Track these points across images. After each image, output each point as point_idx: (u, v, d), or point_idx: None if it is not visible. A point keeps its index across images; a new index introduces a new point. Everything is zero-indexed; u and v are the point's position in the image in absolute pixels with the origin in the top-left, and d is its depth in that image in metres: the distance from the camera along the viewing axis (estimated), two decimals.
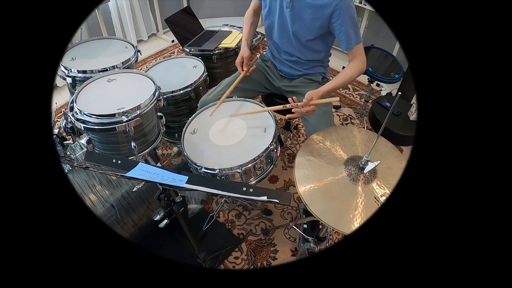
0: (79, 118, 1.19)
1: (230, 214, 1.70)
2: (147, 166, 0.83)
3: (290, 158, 1.99)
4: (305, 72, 1.44)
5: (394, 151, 0.98)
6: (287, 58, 1.41)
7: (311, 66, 1.42)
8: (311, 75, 1.44)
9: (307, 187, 0.88)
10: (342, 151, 0.97)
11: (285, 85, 1.49)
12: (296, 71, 1.44)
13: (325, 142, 1.00)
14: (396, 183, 0.84)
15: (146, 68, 1.74)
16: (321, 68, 1.46)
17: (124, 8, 2.74)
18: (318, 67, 1.44)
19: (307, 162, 0.94)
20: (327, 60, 1.48)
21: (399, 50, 2.40)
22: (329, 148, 0.98)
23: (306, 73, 1.44)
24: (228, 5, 3.33)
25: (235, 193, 0.76)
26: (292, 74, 1.46)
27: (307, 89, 1.41)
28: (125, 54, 1.55)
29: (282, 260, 1.52)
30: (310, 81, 1.44)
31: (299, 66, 1.42)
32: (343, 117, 2.32)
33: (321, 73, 1.46)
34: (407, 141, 1.57)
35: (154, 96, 1.28)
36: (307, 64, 1.41)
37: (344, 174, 0.90)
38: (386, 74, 1.88)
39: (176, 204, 0.93)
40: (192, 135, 1.27)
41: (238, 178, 1.15)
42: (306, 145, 1.00)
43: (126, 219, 1.29)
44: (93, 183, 1.23)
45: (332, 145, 0.99)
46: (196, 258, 1.22)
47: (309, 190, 0.87)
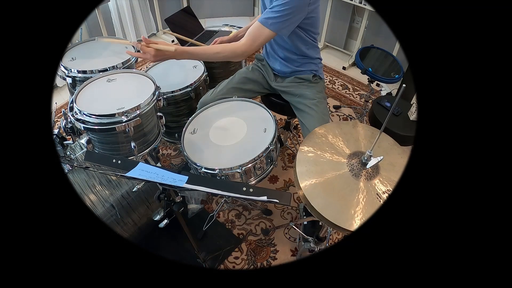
0: (79, 118, 1.18)
1: (230, 214, 1.70)
2: (147, 166, 0.83)
3: (290, 158, 1.99)
4: (295, 69, 1.44)
5: (396, 147, 0.97)
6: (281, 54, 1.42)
7: (301, 63, 1.43)
8: (301, 73, 1.45)
9: (309, 182, 0.87)
10: (344, 146, 0.96)
11: (278, 85, 1.50)
12: (287, 68, 1.44)
13: (327, 137, 0.99)
14: (396, 183, 0.84)
15: (146, 68, 1.74)
16: (313, 66, 1.46)
17: (124, 8, 2.74)
18: (308, 64, 1.44)
19: (309, 157, 0.93)
20: (318, 57, 1.47)
21: (399, 50, 2.40)
22: (331, 142, 0.97)
23: (296, 71, 1.44)
24: (228, 5, 3.33)
25: (235, 193, 0.76)
26: (284, 72, 1.47)
27: (298, 89, 1.44)
28: (125, 54, 1.55)
29: (282, 260, 1.52)
30: (301, 80, 1.45)
31: (290, 63, 1.43)
32: (343, 117, 2.32)
33: (313, 71, 1.46)
34: (407, 141, 1.56)
35: (154, 96, 1.28)
36: (297, 61, 1.42)
37: (346, 169, 0.89)
38: (386, 74, 1.88)
39: (176, 204, 0.93)
40: (192, 135, 1.27)
41: (238, 178, 1.15)
42: (309, 139, 0.99)
43: (126, 219, 1.29)
44: (93, 183, 1.23)
45: (335, 140, 0.98)
46: (196, 258, 1.22)
47: (311, 185, 0.86)
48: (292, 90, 1.45)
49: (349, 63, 2.77)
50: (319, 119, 1.34)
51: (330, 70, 2.75)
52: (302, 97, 1.42)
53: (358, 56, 1.90)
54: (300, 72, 1.45)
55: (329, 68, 2.76)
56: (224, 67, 1.85)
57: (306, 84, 1.44)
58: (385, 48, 2.02)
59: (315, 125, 1.31)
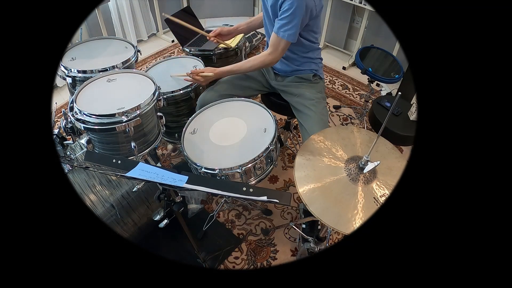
0: (79, 118, 1.18)
1: (230, 214, 1.70)
2: (147, 166, 0.83)
3: (290, 158, 1.99)
4: (296, 69, 1.44)
5: (394, 151, 0.98)
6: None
7: (301, 62, 1.43)
8: (302, 72, 1.45)
9: (307, 187, 0.88)
10: (342, 151, 0.97)
11: (278, 84, 1.50)
12: (288, 67, 1.44)
13: (325, 142, 1.00)
14: (396, 183, 0.84)
15: (146, 68, 1.74)
16: (313, 65, 1.46)
17: (124, 8, 2.74)
18: (309, 63, 1.44)
19: (307, 162, 0.94)
20: (318, 57, 1.47)
21: (399, 50, 2.40)
22: (329, 148, 0.98)
23: (297, 70, 1.45)
24: (228, 5, 3.33)
25: (235, 193, 0.76)
26: (284, 71, 1.47)
27: (298, 89, 1.45)
28: (125, 54, 1.55)
29: (282, 260, 1.52)
30: (301, 79, 1.45)
31: (291, 62, 1.43)
32: (343, 117, 2.32)
33: (313, 70, 1.46)
34: (407, 141, 1.57)
35: (154, 96, 1.28)
36: (298, 60, 1.42)
37: (344, 174, 0.90)
38: (386, 74, 1.88)
39: (176, 204, 0.93)
40: (192, 135, 1.27)
41: (238, 178, 1.15)
42: (306, 145, 1.00)
43: (126, 219, 1.29)
44: (93, 183, 1.23)
45: (333, 145, 0.99)
46: (196, 258, 1.23)
47: (309, 189, 0.87)
48: (291, 89, 1.45)
49: (349, 63, 2.77)
50: (317, 120, 1.34)
51: (330, 70, 2.75)
52: (301, 97, 1.42)
53: (358, 56, 1.91)
54: (301, 72, 1.45)
55: (329, 68, 2.76)
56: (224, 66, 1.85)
57: (306, 83, 1.45)
58: (385, 48, 2.02)
59: (313, 126, 1.31)
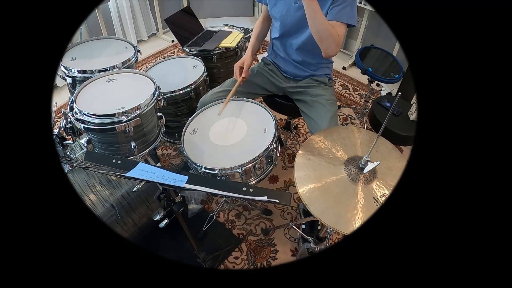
0: (79, 118, 1.19)
1: (230, 214, 1.70)
2: (147, 166, 0.83)
3: (290, 158, 1.99)
4: (311, 74, 1.42)
5: (394, 151, 0.98)
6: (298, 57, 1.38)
7: (317, 68, 1.41)
8: (317, 76, 1.43)
9: (307, 187, 0.88)
10: (342, 151, 0.97)
11: (291, 87, 1.46)
12: (303, 72, 1.42)
13: (325, 142, 1.00)
14: (396, 183, 0.84)
15: (146, 68, 1.74)
16: (327, 70, 1.44)
17: (124, 8, 2.74)
18: (324, 68, 1.43)
19: (307, 162, 0.94)
20: (331, 61, 1.46)
21: (399, 50, 2.40)
22: (329, 148, 0.98)
23: (313, 74, 1.42)
24: (228, 5, 3.33)
25: (235, 193, 0.76)
26: (298, 75, 1.44)
27: (314, 90, 1.40)
28: (125, 54, 1.55)
29: (282, 260, 1.52)
30: (317, 82, 1.43)
31: (306, 67, 1.40)
32: (343, 117, 2.32)
33: (327, 75, 1.45)
34: (407, 141, 1.57)
35: (154, 96, 1.28)
36: (314, 65, 1.40)
37: (344, 174, 0.90)
38: (386, 74, 1.88)
39: (176, 204, 0.93)
40: (192, 135, 1.27)
41: (238, 178, 1.15)
42: (306, 145, 1.00)
43: (126, 219, 1.29)
44: (93, 183, 1.23)
45: (333, 145, 0.99)
46: (196, 258, 1.23)
47: (309, 189, 0.87)
48: (308, 90, 1.41)
49: (349, 63, 2.77)
50: (331, 116, 1.31)
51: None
52: (319, 97, 1.38)
53: (358, 56, 1.91)
54: (316, 75, 1.43)
55: None
56: (224, 67, 1.85)
57: (322, 86, 1.42)
58: (385, 48, 2.02)
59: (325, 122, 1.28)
